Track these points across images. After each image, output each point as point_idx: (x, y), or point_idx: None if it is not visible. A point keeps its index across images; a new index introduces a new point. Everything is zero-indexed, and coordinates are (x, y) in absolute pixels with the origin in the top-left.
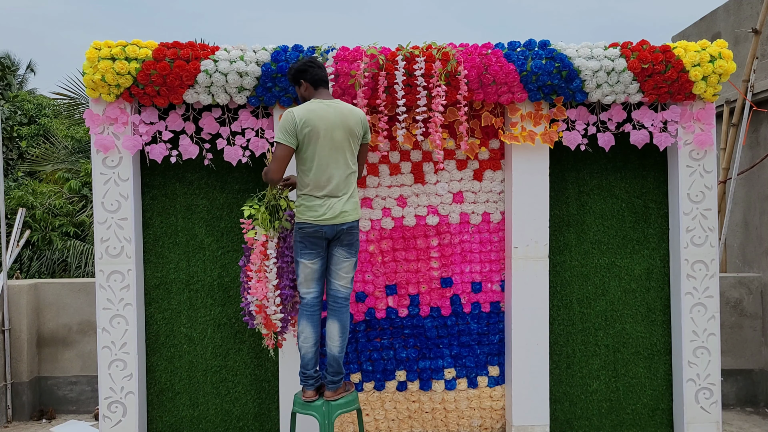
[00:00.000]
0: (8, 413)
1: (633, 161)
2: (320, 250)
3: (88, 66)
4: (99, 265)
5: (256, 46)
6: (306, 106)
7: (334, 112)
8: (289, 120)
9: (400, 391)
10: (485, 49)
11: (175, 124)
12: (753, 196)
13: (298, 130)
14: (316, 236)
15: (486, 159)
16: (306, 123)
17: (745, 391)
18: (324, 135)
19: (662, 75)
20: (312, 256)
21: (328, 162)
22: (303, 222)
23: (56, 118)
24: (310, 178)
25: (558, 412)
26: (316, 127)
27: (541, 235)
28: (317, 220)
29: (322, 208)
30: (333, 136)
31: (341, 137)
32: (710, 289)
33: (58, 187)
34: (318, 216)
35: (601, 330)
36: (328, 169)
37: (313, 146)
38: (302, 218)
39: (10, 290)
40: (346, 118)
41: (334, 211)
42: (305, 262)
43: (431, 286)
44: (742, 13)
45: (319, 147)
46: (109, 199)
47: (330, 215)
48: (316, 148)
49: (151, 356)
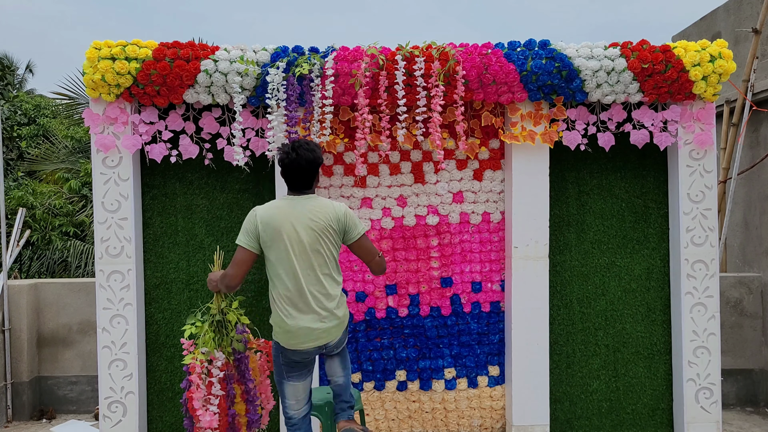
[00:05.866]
0: (8, 413)
1: (633, 161)
2: (309, 366)
3: (88, 66)
4: (99, 265)
5: (256, 46)
6: (272, 203)
7: (300, 210)
8: (251, 220)
9: (400, 390)
10: (485, 48)
11: (175, 123)
12: (753, 196)
13: (259, 232)
14: (298, 359)
15: (486, 159)
16: (268, 224)
17: (745, 390)
18: (288, 238)
19: (662, 75)
20: (299, 377)
21: (296, 270)
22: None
23: (55, 118)
24: (278, 291)
25: (558, 412)
26: (278, 228)
27: (541, 235)
28: (292, 345)
29: (296, 330)
30: (300, 239)
31: (310, 240)
32: (710, 288)
33: (58, 187)
34: (292, 341)
35: (601, 330)
36: (297, 280)
37: (276, 251)
38: (277, 339)
39: (10, 290)
40: (315, 216)
41: (312, 334)
42: (292, 383)
43: (431, 286)
44: (742, 13)
45: (284, 252)
46: (109, 199)
47: (307, 338)
48: (281, 254)
49: (151, 356)
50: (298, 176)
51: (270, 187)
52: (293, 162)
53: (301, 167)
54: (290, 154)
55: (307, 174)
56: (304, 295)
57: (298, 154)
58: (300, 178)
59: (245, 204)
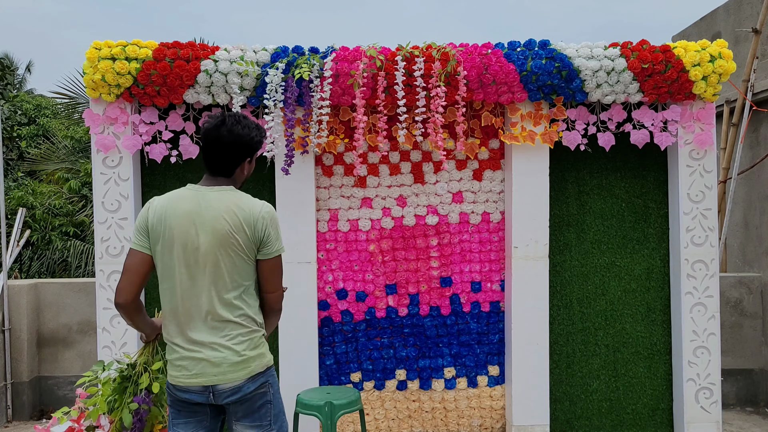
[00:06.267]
0: (8, 413)
1: (633, 161)
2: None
3: (89, 66)
4: (99, 265)
5: (256, 46)
6: (172, 193)
7: (206, 205)
8: (142, 213)
9: (400, 390)
10: (485, 49)
11: (175, 123)
12: (753, 196)
13: (150, 229)
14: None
15: (486, 159)
16: (161, 219)
17: (745, 390)
18: (180, 241)
19: (662, 75)
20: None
21: (185, 285)
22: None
23: (55, 118)
24: (165, 309)
25: (558, 412)
26: (171, 226)
27: (541, 235)
28: (173, 377)
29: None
30: (196, 244)
31: (209, 247)
32: (710, 288)
33: (58, 187)
34: (174, 372)
35: (601, 330)
36: (184, 298)
37: (164, 256)
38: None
39: (10, 290)
40: (224, 216)
41: (195, 366)
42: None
43: (431, 286)
44: (742, 13)
45: (173, 259)
46: (110, 199)
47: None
48: (169, 261)
49: None
50: (217, 154)
51: (270, 187)
52: (213, 130)
53: (221, 141)
54: (215, 120)
55: (227, 154)
56: (191, 320)
57: (225, 122)
58: (218, 156)
59: None
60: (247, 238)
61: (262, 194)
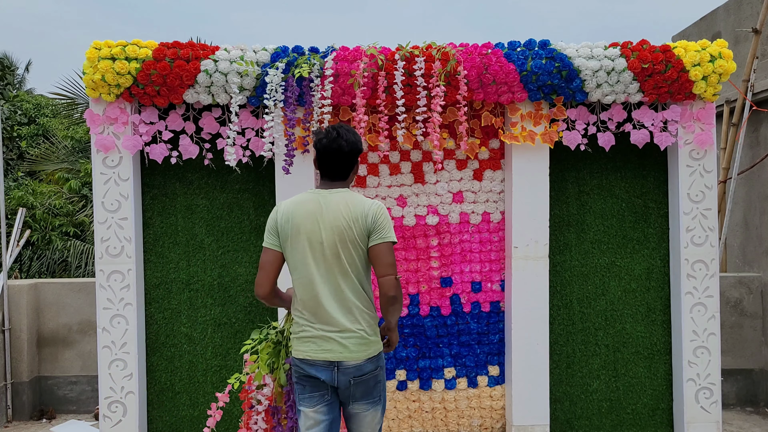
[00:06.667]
0: (8, 413)
1: (633, 161)
2: (324, 394)
3: (88, 66)
4: (99, 265)
5: (256, 46)
6: (296, 198)
7: (327, 205)
8: (272, 215)
9: (400, 390)
10: (485, 48)
11: (175, 124)
12: (753, 195)
13: (280, 228)
14: (312, 377)
15: (486, 159)
16: (288, 219)
17: (745, 390)
18: (306, 237)
19: (662, 75)
20: (309, 402)
21: (313, 275)
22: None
23: (55, 117)
24: (297, 296)
25: (558, 412)
26: (298, 225)
27: (541, 235)
28: (302, 352)
29: (311, 339)
30: (320, 239)
31: (331, 241)
32: (710, 288)
33: (58, 187)
34: (302, 347)
35: (601, 330)
36: (313, 286)
37: (294, 251)
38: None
39: (10, 290)
40: (343, 214)
41: (325, 343)
42: (305, 410)
43: (431, 286)
44: (742, 13)
45: (302, 253)
46: (109, 199)
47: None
48: (299, 255)
49: (151, 356)
50: (337, 162)
51: (270, 187)
52: (333, 142)
53: (342, 151)
54: (330, 134)
55: (346, 160)
56: (320, 304)
57: (340, 134)
58: (338, 164)
59: (245, 204)
60: (360, 229)
61: (262, 194)
